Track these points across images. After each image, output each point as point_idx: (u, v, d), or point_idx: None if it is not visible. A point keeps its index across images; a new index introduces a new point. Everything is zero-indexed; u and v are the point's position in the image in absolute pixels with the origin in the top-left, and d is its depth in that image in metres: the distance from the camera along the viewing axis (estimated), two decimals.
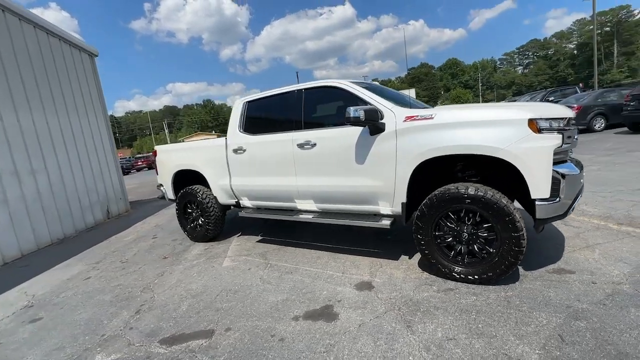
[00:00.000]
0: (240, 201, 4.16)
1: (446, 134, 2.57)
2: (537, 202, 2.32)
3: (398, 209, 2.92)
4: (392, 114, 2.85)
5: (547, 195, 2.30)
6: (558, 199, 2.31)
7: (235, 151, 3.93)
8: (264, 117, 3.93)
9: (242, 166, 3.92)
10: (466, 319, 2.15)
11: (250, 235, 4.66)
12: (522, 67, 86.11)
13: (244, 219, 4.78)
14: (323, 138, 3.22)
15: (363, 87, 3.18)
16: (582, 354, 1.74)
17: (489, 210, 2.41)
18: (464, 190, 2.48)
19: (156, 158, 5.01)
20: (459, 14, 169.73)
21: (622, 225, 3.39)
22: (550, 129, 2.31)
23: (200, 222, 4.55)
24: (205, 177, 4.32)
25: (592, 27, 73.77)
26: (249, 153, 3.80)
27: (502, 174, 2.62)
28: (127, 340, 2.38)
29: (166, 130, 65.60)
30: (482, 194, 2.42)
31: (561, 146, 2.31)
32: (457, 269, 2.62)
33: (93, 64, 7.57)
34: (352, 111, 2.74)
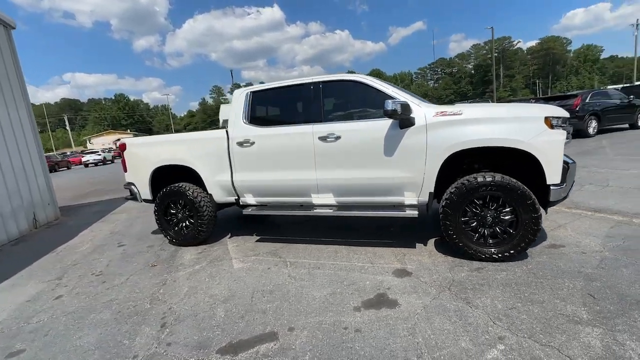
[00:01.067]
0: (242, 198, 3.87)
1: (474, 128, 2.86)
2: (551, 187, 2.75)
3: (425, 198, 3.12)
4: (419, 109, 3.04)
5: (558, 181, 2.75)
6: (565, 184, 2.79)
7: (240, 144, 3.65)
8: (276, 109, 3.76)
9: (249, 160, 3.66)
10: (511, 291, 2.43)
11: (243, 235, 4.36)
12: (433, 82, 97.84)
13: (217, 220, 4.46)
14: (349, 131, 3.24)
15: (385, 84, 3.31)
16: (614, 305, 2.13)
17: (513, 195, 2.76)
18: (491, 179, 2.79)
19: (124, 153, 4.33)
20: (379, 29, 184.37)
21: (572, 208, 4.20)
22: (559, 126, 2.78)
23: (189, 224, 4.09)
24: (199, 173, 3.90)
25: (485, 51, 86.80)
26: (259, 146, 3.57)
27: (510, 165, 3.02)
28: (176, 357, 2.04)
29: (68, 127, 55.89)
30: (507, 181, 2.76)
31: (567, 141, 2.80)
32: (483, 249, 2.93)
33: (9, 38, 6.11)
34: (390, 104, 2.85)
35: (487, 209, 2.91)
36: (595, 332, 1.91)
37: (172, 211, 4.17)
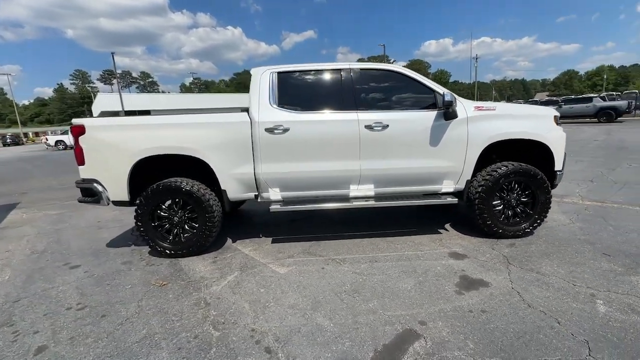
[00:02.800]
0: (264, 194, 3.35)
1: (506, 122, 3.28)
2: (557, 172, 3.40)
3: (462, 186, 3.39)
4: (460, 103, 3.28)
5: (561, 168, 3.42)
6: (563, 171, 3.49)
7: (270, 130, 3.16)
8: (308, 93, 3.39)
9: (280, 149, 3.19)
10: (555, 259, 2.89)
11: (251, 238, 3.78)
12: None
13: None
14: (397, 120, 3.22)
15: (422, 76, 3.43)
16: (628, 259, 2.80)
17: (534, 180, 3.29)
18: (520, 167, 3.25)
19: (81, 139, 3.16)
20: (273, 31, 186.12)
21: None
22: (559, 124, 3.46)
23: (191, 228, 3.29)
24: (211, 164, 3.18)
25: None
26: (295, 133, 3.16)
27: (517, 155, 3.57)
28: None
29: None
30: (531, 168, 3.27)
31: None
32: (508, 228, 3.37)
33: None
34: (449, 95, 3.01)
35: (512, 192, 3.38)
36: (636, 278, 2.48)
37: (163, 214, 3.27)
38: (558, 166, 3.40)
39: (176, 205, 3.27)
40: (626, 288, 2.35)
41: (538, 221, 3.39)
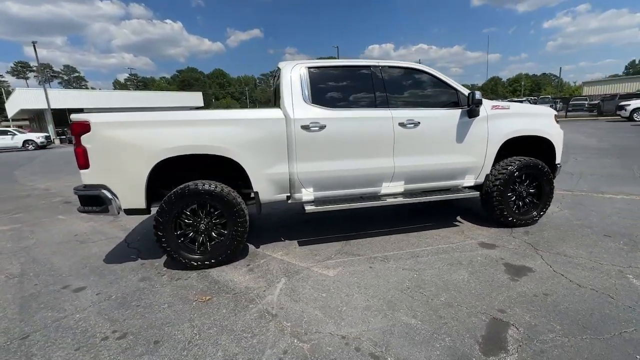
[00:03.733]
0: (297, 194, 3.19)
1: (519, 120, 3.58)
2: (557, 165, 3.79)
3: (481, 180, 3.61)
4: None
5: (559, 161, 3.82)
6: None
7: (306, 128, 3.01)
8: (341, 89, 3.29)
9: (316, 147, 3.07)
10: (570, 242, 3.22)
11: (274, 242, 3.57)
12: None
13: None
14: (428, 118, 3.30)
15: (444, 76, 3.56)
16: (625, 238, 3.23)
17: (541, 173, 3.63)
18: (531, 161, 3.56)
19: (85, 137, 2.69)
20: (217, 28, 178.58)
21: None
22: (557, 122, 3.86)
23: (218, 235, 3.00)
24: (243, 165, 2.93)
25: None
26: (331, 130, 3.06)
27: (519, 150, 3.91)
28: None
29: None
30: (539, 162, 3.60)
31: None
32: (520, 217, 3.68)
33: None
34: (479, 94, 3.18)
35: (522, 184, 3.68)
36: None
37: (187, 221, 2.93)
38: (558, 160, 3.79)
39: (202, 210, 2.95)
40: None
41: (544, 209, 3.75)
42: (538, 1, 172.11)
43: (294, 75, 3.12)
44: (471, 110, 3.36)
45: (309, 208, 3.12)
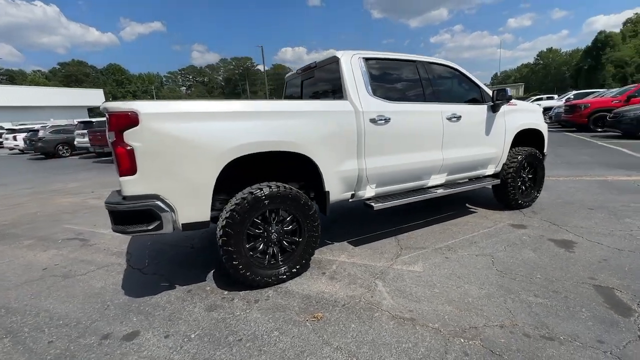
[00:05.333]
0: (360, 191, 3.01)
1: (524, 115, 4.10)
2: (544, 154, 4.48)
3: (499, 168, 4.01)
4: None
5: (546, 151, 4.52)
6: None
7: (374, 121, 2.87)
8: (398, 82, 3.21)
9: (382, 141, 2.95)
10: (575, 217, 3.84)
11: (320, 247, 3.30)
12: (185, 88, 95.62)
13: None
14: (467, 112, 3.51)
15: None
16: (604, 209, 4.02)
17: (537, 161, 4.24)
18: (533, 152, 4.12)
19: (134, 133, 2.04)
20: (106, 16, 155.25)
21: None
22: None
23: (290, 243, 2.63)
24: (317, 162, 2.63)
25: (232, 67, 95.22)
26: (395, 124, 2.99)
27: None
28: None
29: None
30: (536, 151, 4.20)
31: None
32: (525, 200, 4.22)
33: None
34: (509, 91, 3.53)
35: (524, 170, 4.24)
36: (629, 220, 3.62)
37: (258, 230, 2.49)
38: (545, 149, 4.49)
39: (273, 217, 2.54)
40: (636, 226, 3.42)
41: (539, 191, 4.38)
42: (425, 19, 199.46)
43: (354, 65, 2.94)
44: (495, 105, 3.71)
45: (377, 205, 2.99)
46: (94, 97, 35.71)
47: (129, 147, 2.03)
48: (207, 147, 2.21)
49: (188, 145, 2.16)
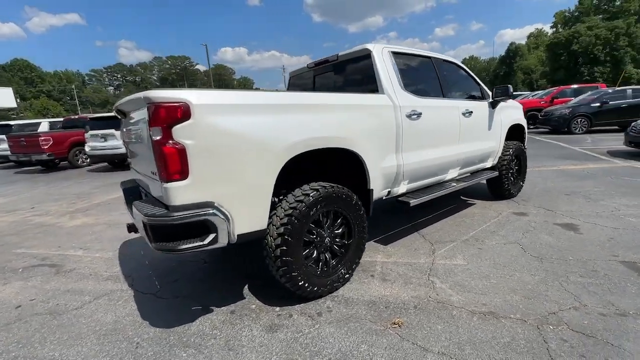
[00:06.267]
0: (395, 188, 2.93)
1: (512, 111, 4.44)
2: (526, 148, 4.91)
3: (496, 161, 4.27)
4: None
5: (525, 144, 4.96)
6: None
7: (409, 116, 2.82)
8: (421, 78, 3.18)
9: (416, 136, 2.91)
10: (561, 202, 4.26)
11: None
12: (113, 88, 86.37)
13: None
14: (476, 108, 3.65)
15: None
16: (580, 195, 4.55)
17: (523, 153, 4.63)
18: (520, 144, 4.49)
19: (184, 129, 1.68)
20: (5, 2, 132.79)
21: None
22: None
23: (340, 246, 2.44)
24: (364, 159, 2.47)
25: (168, 66, 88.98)
26: (424, 119, 2.96)
27: None
28: None
29: None
30: (522, 145, 4.58)
31: None
32: (514, 189, 4.57)
33: None
34: (511, 88, 3.76)
35: (513, 162, 4.59)
36: (605, 202, 4.13)
37: (313, 235, 2.25)
38: (525, 143, 4.92)
39: (326, 221, 2.33)
40: (616, 205, 3.90)
41: (522, 183, 4.78)
42: (363, 25, 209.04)
43: (385, 59, 2.86)
44: (494, 102, 3.95)
45: (413, 201, 2.93)
46: (3, 96, 29.97)
47: (179, 146, 1.66)
48: (267, 144, 1.92)
49: (246, 142, 1.86)
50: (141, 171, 2.25)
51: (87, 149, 9.75)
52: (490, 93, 3.98)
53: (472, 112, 3.59)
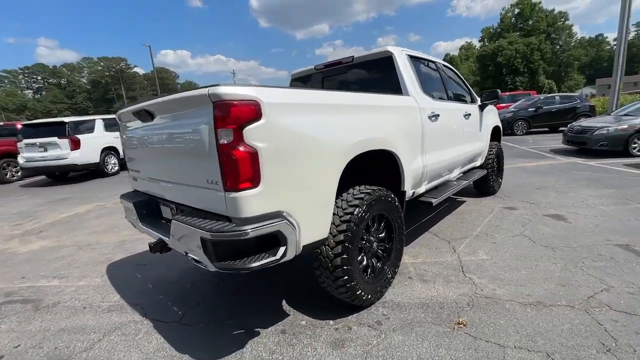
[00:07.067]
0: (418, 188, 2.95)
1: (492, 114, 4.81)
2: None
3: (483, 160, 4.58)
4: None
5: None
6: None
7: (430, 118, 2.88)
8: (432, 81, 3.24)
9: (436, 138, 2.98)
10: (536, 195, 4.71)
11: None
12: (32, 91, 75.94)
13: None
14: (471, 110, 3.88)
15: None
16: (550, 189, 5.08)
17: (501, 151, 5.03)
18: (498, 144, 4.87)
19: (256, 130, 1.49)
20: None
21: None
22: None
23: (382, 251, 2.39)
24: (401, 159, 2.45)
25: (100, 67, 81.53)
26: (441, 121, 3.05)
27: None
28: None
29: None
30: (499, 145, 4.98)
31: None
32: (495, 185, 4.94)
33: None
34: (499, 92, 4.07)
35: (495, 161, 4.96)
36: (574, 194, 4.67)
37: (362, 242, 2.16)
38: (500, 142, 5.36)
39: (373, 224, 2.25)
40: (583, 197, 4.42)
41: (502, 177, 5.20)
42: (310, 32, 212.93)
43: (406, 61, 2.89)
44: (483, 105, 4.24)
45: (435, 200, 2.99)
46: None
47: (251, 150, 1.47)
48: (332, 145, 1.81)
49: (313, 144, 1.71)
50: (174, 180, 1.95)
51: (20, 160, 8.35)
52: (477, 97, 4.27)
53: (470, 114, 3.80)
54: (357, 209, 1.99)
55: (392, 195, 2.32)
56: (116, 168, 9.55)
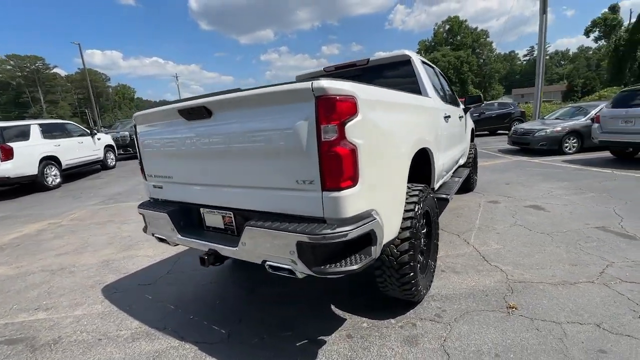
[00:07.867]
0: (433, 185, 3.10)
1: (470, 117, 5.24)
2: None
3: (465, 159, 4.96)
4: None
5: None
6: None
7: (444, 118, 3.06)
8: (437, 85, 3.41)
9: (447, 137, 3.16)
10: (510, 190, 5.25)
11: None
12: None
13: None
14: (462, 113, 4.19)
15: None
16: (519, 184, 5.70)
17: (476, 151, 5.52)
18: (475, 145, 5.35)
19: (355, 127, 1.45)
20: None
21: None
22: None
23: (424, 246, 2.46)
24: (434, 158, 2.56)
25: (10, 67, 71.22)
26: (452, 122, 3.27)
27: None
28: None
29: None
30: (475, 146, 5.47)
31: None
32: (474, 184, 5.40)
33: None
34: (481, 96, 4.47)
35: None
36: (546, 185, 5.30)
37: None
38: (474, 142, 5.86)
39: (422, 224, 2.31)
40: (547, 189, 5.04)
41: (477, 174, 5.68)
42: (254, 37, 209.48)
43: (422, 65, 3.03)
44: (467, 108, 4.62)
45: (449, 197, 3.16)
46: None
47: (352, 146, 1.41)
48: (407, 142, 1.87)
49: (396, 141, 1.72)
50: (238, 184, 1.75)
51: None
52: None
53: (462, 116, 4.12)
54: (416, 206, 2.02)
55: (432, 192, 2.40)
56: (57, 180, 8.32)
